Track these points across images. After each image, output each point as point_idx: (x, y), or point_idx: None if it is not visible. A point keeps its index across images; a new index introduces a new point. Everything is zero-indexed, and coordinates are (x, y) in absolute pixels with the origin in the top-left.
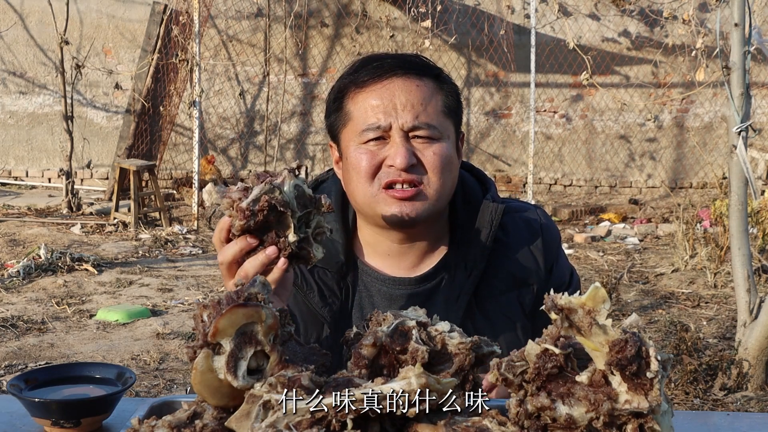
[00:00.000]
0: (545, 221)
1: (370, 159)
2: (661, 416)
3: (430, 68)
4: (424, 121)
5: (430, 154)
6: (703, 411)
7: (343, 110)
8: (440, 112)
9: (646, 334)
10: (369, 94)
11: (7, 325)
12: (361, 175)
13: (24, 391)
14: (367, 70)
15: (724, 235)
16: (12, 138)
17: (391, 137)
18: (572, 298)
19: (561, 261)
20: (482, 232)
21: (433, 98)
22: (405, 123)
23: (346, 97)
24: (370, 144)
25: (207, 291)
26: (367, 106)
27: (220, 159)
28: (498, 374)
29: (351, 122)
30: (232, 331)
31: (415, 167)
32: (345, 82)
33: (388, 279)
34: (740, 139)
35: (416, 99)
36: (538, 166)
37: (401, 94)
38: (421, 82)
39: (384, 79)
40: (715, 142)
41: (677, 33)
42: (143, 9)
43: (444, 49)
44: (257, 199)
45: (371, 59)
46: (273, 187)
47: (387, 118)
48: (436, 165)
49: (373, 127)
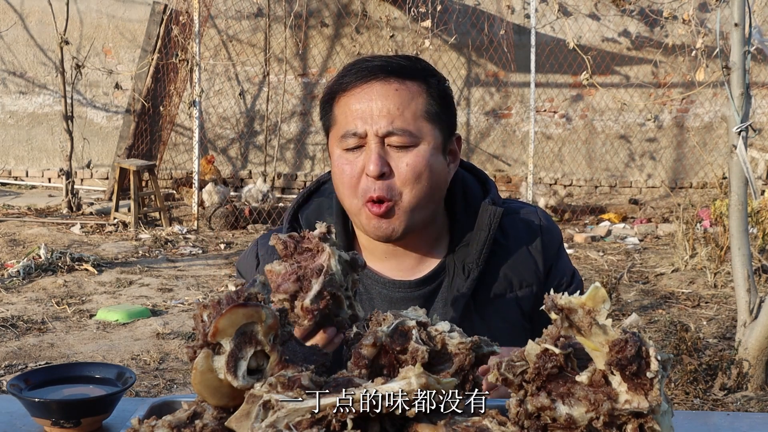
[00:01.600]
0: (545, 222)
1: (351, 170)
2: (661, 416)
3: (417, 70)
4: (399, 126)
5: (403, 165)
6: (703, 411)
7: (331, 113)
8: (420, 117)
9: (646, 334)
10: (350, 98)
11: (7, 325)
12: (345, 186)
13: (24, 391)
14: (351, 74)
15: (724, 235)
16: (12, 138)
17: (367, 143)
18: (572, 298)
19: (561, 262)
20: (480, 234)
21: (414, 102)
22: (379, 129)
23: (334, 100)
24: (350, 153)
25: (207, 291)
26: (348, 111)
27: (220, 159)
28: (498, 374)
29: (336, 126)
30: (232, 331)
31: (387, 176)
32: (334, 85)
33: (387, 282)
34: (740, 139)
35: (393, 104)
36: (538, 166)
37: (378, 98)
38: (402, 86)
39: (365, 83)
40: (715, 142)
41: (677, 33)
42: (143, 9)
43: (444, 49)
44: (320, 296)
45: (360, 61)
46: (330, 277)
47: (363, 124)
48: (407, 177)
49: (351, 134)
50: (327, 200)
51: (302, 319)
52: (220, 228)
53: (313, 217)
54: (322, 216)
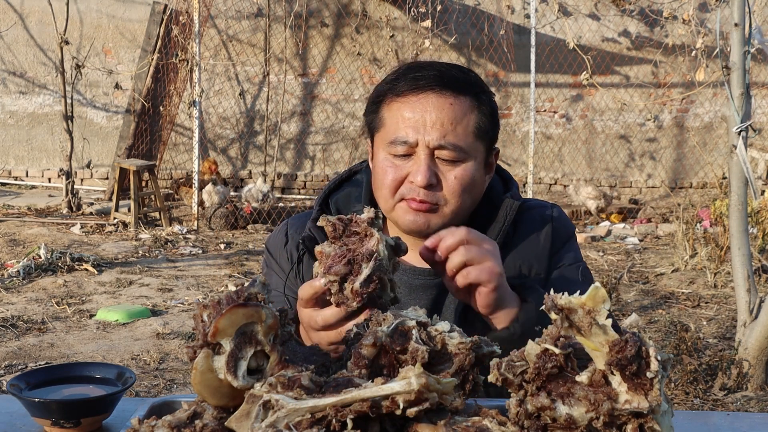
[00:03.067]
0: (559, 214)
1: (395, 173)
2: (661, 416)
3: (471, 85)
4: (452, 141)
5: (451, 178)
6: (703, 411)
7: (378, 114)
8: (471, 132)
9: (646, 334)
10: (403, 105)
11: (7, 325)
12: (384, 186)
13: (24, 391)
14: (407, 80)
15: (724, 235)
16: (12, 138)
17: (417, 153)
18: (572, 298)
19: (566, 249)
20: (496, 226)
21: (466, 118)
22: (431, 141)
23: (383, 102)
24: (397, 158)
25: (207, 291)
26: (399, 117)
27: (220, 159)
28: (498, 374)
29: (383, 128)
30: (232, 331)
31: (434, 187)
32: (385, 87)
33: (409, 269)
34: (740, 139)
35: (447, 118)
36: (538, 166)
37: (433, 110)
38: (457, 100)
39: (420, 93)
40: (715, 142)
41: (677, 33)
42: (143, 9)
43: (444, 49)
44: (369, 279)
45: (414, 68)
46: (379, 263)
47: (415, 134)
48: (455, 189)
49: (401, 142)
50: (356, 189)
51: (351, 301)
52: (220, 228)
53: (342, 204)
54: (350, 204)
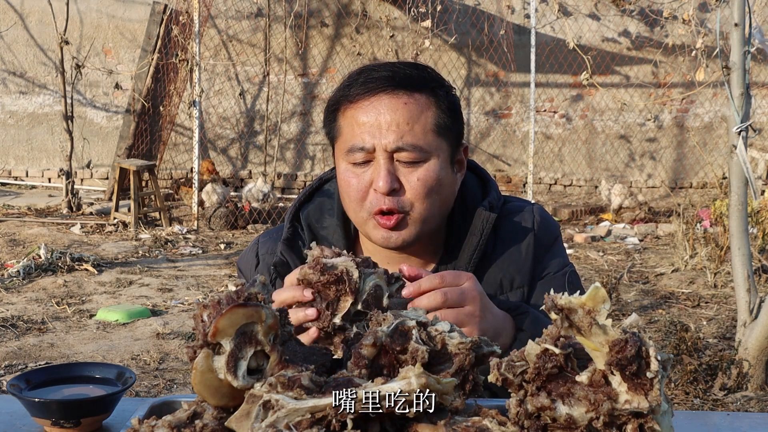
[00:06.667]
0: (539, 220)
1: (358, 183)
2: (661, 416)
3: (425, 81)
4: (410, 141)
5: (414, 180)
6: (703, 411)
7: (335, 123)
8: (430, 130)
9: (646, 334)
10: (357, 111)
11: (7, 325)
12: (351, 199)
13: (24, 391)
14: (358, 85)
15: (724, 235)
16: (12, 138)
17: (376, 158)
18: (572, 298)
19: (550, 256)
20: (472, 239)
21: (423, 115)
22: (388, 144)
23: (338, 110)
24: (357, 167)
25: (207, 291)
26: (354, 123)
27: (220, 159)
28: (498, 374)
29: (341, 137)
30: (232, 331)
31: (398, 191)
32: (338, 94)
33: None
34: (740, 139)
35: (402, 118)
36: (538, 166)
37: (387, 112)
38: (411, 99)
39: (372, 95)
40: (715, 142)
41: (677, 33)
42: (143, 9)
43: (444, 49)
44: (335, 266)
45: (366, 71)
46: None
47: (371, 138)
48: (419, 192)
49: (358, 148)
50: (329, 201)
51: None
52: (220, 228)
53: (314, 217)
54: (323, 216)
